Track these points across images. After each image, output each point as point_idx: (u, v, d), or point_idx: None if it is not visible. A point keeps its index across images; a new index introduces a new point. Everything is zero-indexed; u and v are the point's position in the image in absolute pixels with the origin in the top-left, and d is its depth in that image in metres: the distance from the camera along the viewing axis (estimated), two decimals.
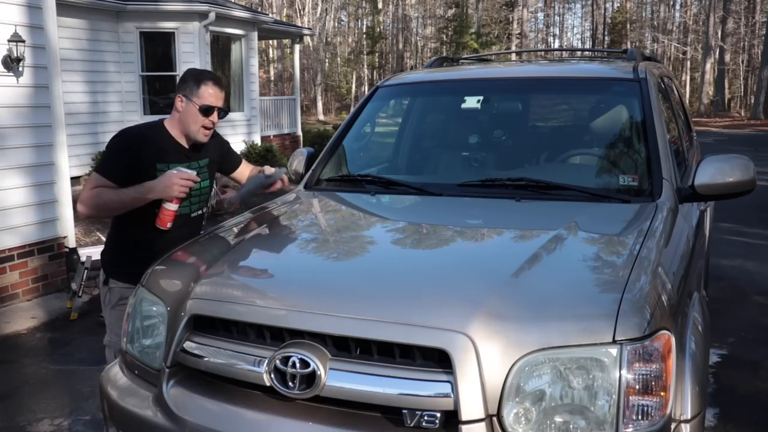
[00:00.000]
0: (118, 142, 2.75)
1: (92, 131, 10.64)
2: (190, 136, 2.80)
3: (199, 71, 2.83)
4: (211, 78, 2.78)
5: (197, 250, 2.54)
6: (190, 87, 2.74)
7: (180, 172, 2.66)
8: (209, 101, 2.75)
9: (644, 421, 1.70)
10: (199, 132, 2.78)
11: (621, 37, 46.16)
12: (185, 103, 2.75)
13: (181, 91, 2.77)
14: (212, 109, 2.76)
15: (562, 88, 3.58)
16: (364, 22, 47.78)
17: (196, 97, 2.73)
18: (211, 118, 2.76)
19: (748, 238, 7.58)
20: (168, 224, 2.69)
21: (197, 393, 2.02)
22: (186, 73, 2.83)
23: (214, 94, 2.76)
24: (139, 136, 2.77)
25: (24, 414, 3.65)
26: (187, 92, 2.75)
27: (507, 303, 1.81)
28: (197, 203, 2.91)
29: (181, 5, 11.35)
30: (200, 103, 2.73)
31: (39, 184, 5.40)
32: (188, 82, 2.76)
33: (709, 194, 2.70)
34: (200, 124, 2.76)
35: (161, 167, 2.74)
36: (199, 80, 2.75)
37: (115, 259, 2.89)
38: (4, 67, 5.08)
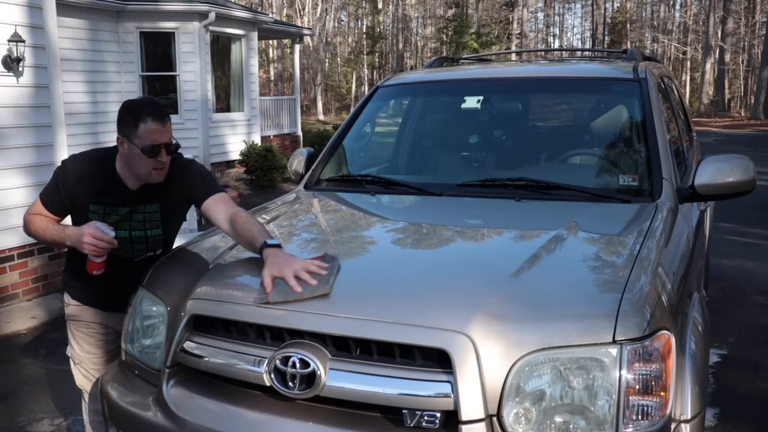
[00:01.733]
0: (58, 172, 2.46)
1: (92, 131, 10.64)
2: (142, 179, 2.43)
3: (135, 106, 2.39)
4: (151, 112, 2.33)
5: (197, 250, 2.54)
6: (128, 126, 2.34)
7: (96, 229, 2.30)
8: (152, 140, 2.32)
9: (644, 421, 1.70)
10: (150, 174, 2.39)
11: (621, 37, 46.15)
12: (127, 145, 2.35)
13: (120, 130, 2.36)
14: (157, 148, 2.34)
15: (562, 88, 3.58)
16: (364, 22, 47.79)
17: (137, 137, 2.32)
18: (159, 158, 2.35)
19: (748, 238, 7.58)
20: (94, 272, 2.41)
21: (197, 393, 2.02)
22: (121, 108, 2.40)
23: (156, 129, 2.33)
24: (79, 170, 2.44)
25: (24, 414, 3.65)
26: (126, 132, 2.34)
27: (507, 303, 1.81)
28: (142, 250, 2.56)
29: (181, 5, 11.35)
30: (142, 144, 2.32)
31: (39, 184, 5.40)
32: (125, 120, 2.35)
33: (709, 194, 2.70)
34: (149, 166, 2.36)
35: (95, 209, 2.44)
36: (136, 117, 2.32)
37: (67, 272, 2.69)
38: (4, 67, 5.08)
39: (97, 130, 10.75)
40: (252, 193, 11.04)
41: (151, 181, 2.43)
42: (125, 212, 2.47)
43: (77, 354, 2.69)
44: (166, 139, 2.37)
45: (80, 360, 2.69)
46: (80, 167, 2.46)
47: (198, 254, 2.49)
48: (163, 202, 2.52)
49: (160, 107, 2.40)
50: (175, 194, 2.52)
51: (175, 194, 2.52)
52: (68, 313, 2.69)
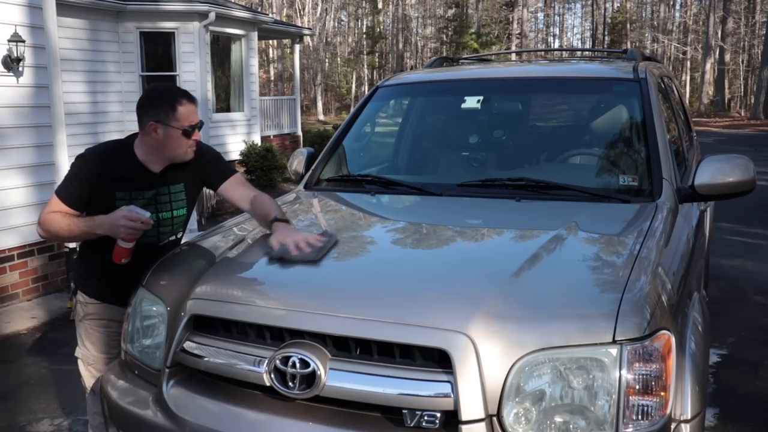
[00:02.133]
0: (78, 165, 2.49)
1: (92, 131, 10.63)
2: (176, 160, 2.53)
3: (168, 90, 2.53)
4: (185, 95, 2.49)
5: (197, 250, 2.54)
6: (165, 110, 2.44)
7: (130, 212, 2.36)
8: (191, 120, 2.47)
9: (644, 421, 1.70)
10: (187, 153, 2.52)
11: (621, 37, 46.15)
12: (162, 128, 2.44)
13: (152, 116, 2.44)
14: (194, 128, 2.50)
15: (562, 88, 3.58)
16: (364, 22, 47.80)
17: (175, 120, 2.44)
18: (194, 137, 2.51)
19: (748, 238, 7.58)
20: (122, 260, 2.45)
21: (197, 393, 2.02)
22: (151, 95, 2.51)
23: (192, 110, 2.49)
24: (99, 161, 2.48)
25: (24, 414, 3.65)
26: (162, 117, 2.44)
27: (507, 303, 1.81)
28: (168, 233, 2.63)
29: (181, 5, 11.35)
30: (182, 126, 2.45)
31: (39, 184, 5.41)
32: (160, 105, 2.44)
33: (709, 194, 2.70)
34: (186, 147, 2.50)
35: (122, 196, 2.49)
36: (172, 102, 2.44)
37: (82, 272, 2.70)
38: (4, 67, 5.08)
39: (97, 130, 10.75)
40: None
41: (185, 160, 2.54)
42: (151, 195, 2.54)
43: (91, 354, 2.66)
44: (198, 119, 2.54)
45: (94, 360, 2.65)
46: (102, 158, 2.51)
47: (198, 254, 2.49)
48: (186, 180, 2.63)
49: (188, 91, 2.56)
50: (193, 173, 2.64)
51: (193, 173, 2.64)
52: (86, 312, 2.66)
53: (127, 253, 2.44)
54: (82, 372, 2.72)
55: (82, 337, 2.70)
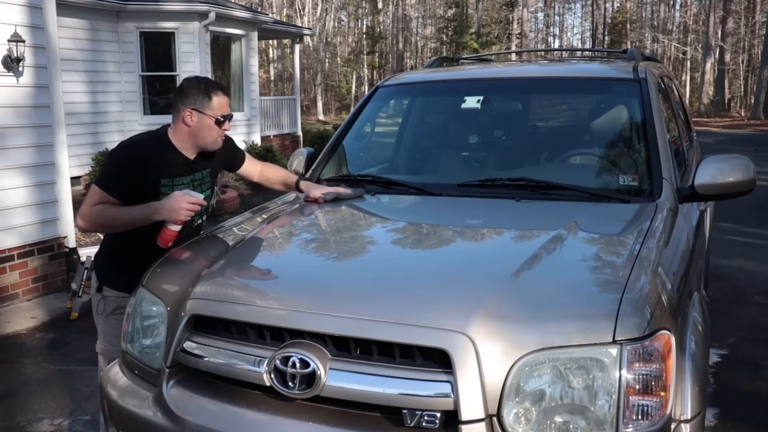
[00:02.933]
0: (122, 155, 2.66)
1: (92, 131, 10.64)
2: (206, 147, 2.73)
3: (205, 82, 2.72)
4: (220, 87, 2.72)
5: (197, 250, 2.54)
6: (201, 100, 2.64)
7: (187, 195, 2.56)
8: (224, 111, 2.69)
9: (644, 421, 1.70)
10: (216, 141, 2.73)
11: (621, 37, 46.15)
12: (197, 116, 2.64)
13: (189, 104, 2.64)
14: (226, 118, 2.71)
15: (563, 88, 3.58)
16: (364, 22, 47.79)
17: (210, 109, 2.64)
18: (224, 127, 2.71)
19: (748, 238, 7.58)
20: (170, 244, 2.59)
21: (197, 393, 2.02)
22: (189, 84, 2.70)
23: (225, 102, 2.71)
24: (143, 150, 2.66)
25: (24, 414, 3.65)
26: (198, 105, 2.64)
27: (507, 303, 1.81)
28: (198, 214, 2.79)
29: (181, 5, 11.35)
30: (216, 115, 2.66)
31: (39, 184, 5.41)
32: (196, 94, 2.64)
33: (709, 194, 2.70)
34: (216, 135, 2.71)
35: (165, 182, 2.66)
36: (208, 92, 2.65)
37: (110, 267, 2.80)
38: (4, 67, 5.08)
39: (97, 130, 10.75)
40: (252, 193, 11.03)
41: (215, 148, 2.76)
42: (188, 180, 2.75)
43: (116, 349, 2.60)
44: (230, 111, 2.76)
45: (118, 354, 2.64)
46: (144, 147, 2.68)
47: (198, 254, 2.49)
48: (212, 166, 2.87)
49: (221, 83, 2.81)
50: (217, 159, 2.89)
51: (217, 159, 2.89)
52: (116, 306, 2.72)
53: (175, 237, 2.60)
54: (103, 367, 2.73)
55: (106, 332, 2.75)
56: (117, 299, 2.71)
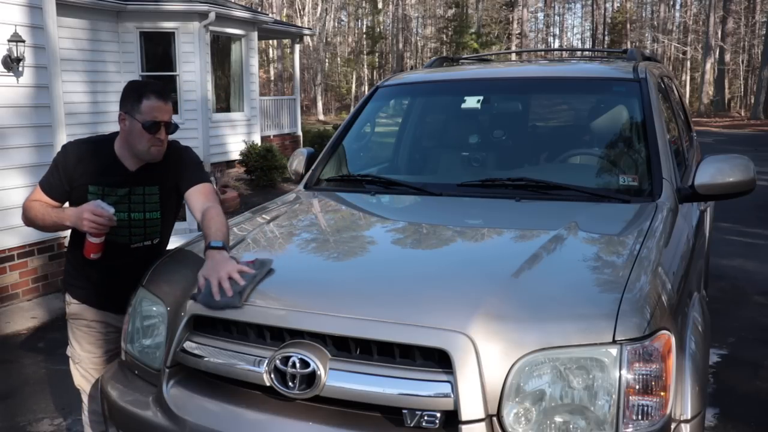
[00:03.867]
0: (58, 156, 2.52)
1: (92, 131, 10.63)
2: (140, 156, 2.49)
3: (141, 84, 2.52)
4: (155, 90, 2.45)
5: (197, 250, 2.53)
6: (132, 102, 2.43)
7: (96, 207, 2.34)
8: (153, 116, 2.42)
9: (644, 421, 1.70)
10: (149, 151, 2.46)
11: (621, 37, 46.14)
12: (128, 120, 2.44)
13: (122, 107, 2.45)
14: (158, 125, 2.43)
15: (563, 88, 3.58)
16: (364, 22, 47.79)
17: (139, 113, 2.41)
18: (158, 135, 2.44)
19: (748, 238, 7.58)
20: (91, 255, 2.43)
21: (197, 393, 2.02)
22: (126, 86, 2.51)
23: (159, 107, 2.43)
24: (79, 152, 2.51)
25: (24, 414, 3.65)
26: (129, 108, 2.43)
27: (507, 303, 1.81)
28: (140, 234, 2.57)
29: (181, 5, 11.35)
30: (143, 120, 2.41)
31: None
32: (129, 96, 2.45)
33: (709, 194, 2.70)
34: (147, 143, 2.44)
35: (94, 189, 2.48)
36: (140, 94, 2.42)
37: (68, 274, 2.73)
38: (4, 67, 5.08)
39: (97, 130, 10.74)
40: (252, 193, 11.04)
41: (149, 159, 2.49)
42: (124, 193, 2.51)
43: (77, 353, 2.70)
44: (167, 118, 2.46)
45: (80, 359, 2.69)
46: (80, 149, 2.52)
47: (198, 254, 2.48)
48: (161, 184, 2.57)
49: (163, 87, 2.52)
50: (170, 178, 2.57)
51: (170, 178, 2.57)
52: (69, 312, 2.70)
53: (95, 249, 2.43)
54: (72, 370, 2.75)
55: (69, 335, 2.74)
56: (71, 305, 2.70)
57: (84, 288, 2.64)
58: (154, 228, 2.61)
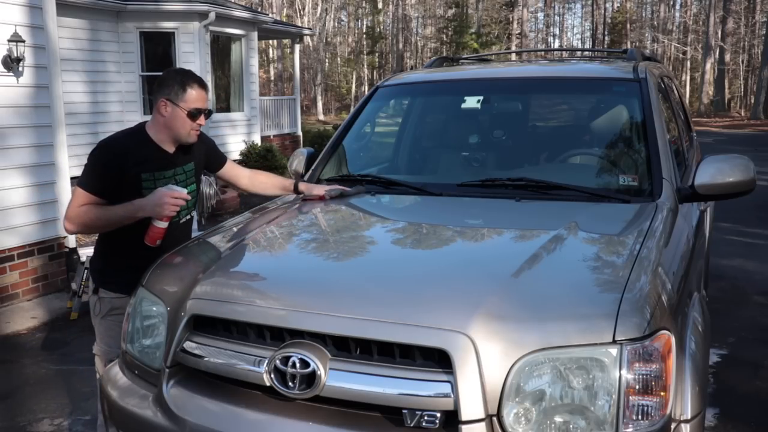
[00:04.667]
0: (100, 155, 2.62)
1: (92, 131, 10.63)
2: (180, 140, 2.69)
3: (182, 73, 2.68)
4: (196, 80, 2.66)
5: (197, 250, 2.54)
6: (175, 91, 2.61)
7: (170, 190, 2.53)
8: (197, 105, 2.64)
9: (644, 421, 1.70)
10: (189, 135, 2.68)
11: (621, 37, 46.16)
12: (170, 107, 2.62)
13: (164, 94, 2.62)
14: (200, 112, 2.66)
15: (563, 88, 3.58)
16: (364, 22, 47.79)
17: (183, 101, 2.61)
18: (198, 121, 2.67)
19: (748, 238, 7.58)
20: (157, 242, 2.57)
21: (197, 393, 2.02)
22: (167, 75, 2.68)
23: (200, 96, 2.65)
24: (121, 146, 2.64)
25: (24, 414, 3.65)
26: (172, 96, 2.61)
27: (507, 303, 1.81)
28: (185, 209, 2.77)
29: (181, 5, 11.35)
30: (188, 108, 2.61)
31: (39, 184, 5.40)
32: (172, 85, 2.62)
33: (709, 194, 2.70)
34: (189, 128, 2.66)
35: (146, 177, 2.63)
36: (184, 84, 2.62)
37: (104, 268, 2.77)
38: (4, 67, 5.08)
39: (97, 130, 10.74)
40: (252, 193, 11.03)
41: (188, 142, 2.71)
42: (170, 174, 2.71)
43: (113, 350, 2.64)
44: (206, 106, 2.70)
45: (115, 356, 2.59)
46: (121, 144, 2.65)
47: (198, 254, 2.49)
48: (196, 160, 2.84)
49: (202, 78, 2.74)
50: (199, 156, 2.86)
51: (199, 156, 2.86)
52: (111, 307, 2.70)
53: (162, 234, 2.57)
54: (99, 369, 2.73)
55: (103, 334, 2.73)
56: (112, 300, 2.70)
57: (128, 279, 2.57)
58: (193, 201, 2.82)
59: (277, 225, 2.71)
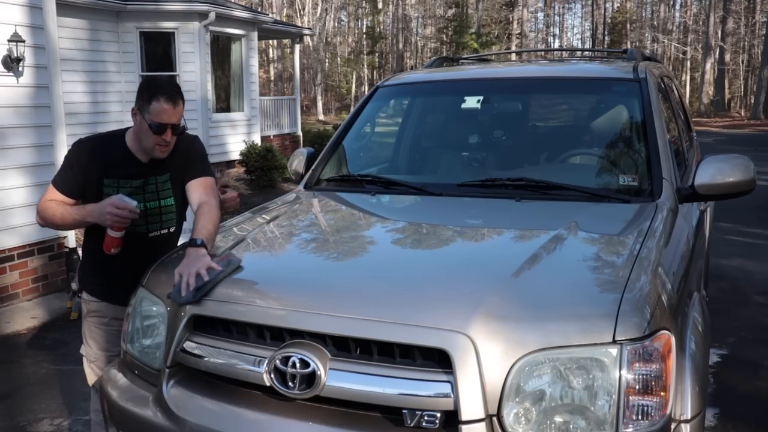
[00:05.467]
0: (70, 153, 2.57)
1: (92, 131, 10.48)
2: (149, 153, 2.57)
3: (153, 83, 2.53)
4: (165, 92, 2.46)
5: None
6: (143, 101, 2.49)
7: (119, 201, 2.40)
8: (161, 118, 2.46)
9: (644, 421, 1.70)
10: (154, 149, 2.53)
11: (621, 37, 46.15)
12: (138, 118, 2.51)
13: (136, 103, 2.52)
14: (164, 127, 2.47)
15: (563, 88, 3.58)
16: (364, 22, 47.78)
17: (148, 113, 2.47)
18: (164, 136, 2.49)
19: (748, 238, 7.58)
20: (111, 249, 2.49)
21: (197, 393, 2.02)
22: (141, 83, 2.58)
23: (166, 110, 2.46)
24: (91, 147, 2.56)
25: (24, 414, 3.65)
26: (140, 105, 2.50)
27: (507, 303, 1.81)
28: (157, 222, 2.65)
29: (181, 5, 11.35)
30: (151, 120, 2.46)
31: (39, 184, 5.39)
32: (142, 95, 2.50)
33: (709, 194, 2.70)
34: (153, 142, 2.50)
35: (109, 182, 2.54)
36: (151, 95, 2.46)
37: (85, 272, 2.75)
38: (4, 67, 5.08)
39: (97, 130, 10.66)
40: (252, 193, 11.04)
41: (155, 156, 2.57)
42: (138, 184, 2.58)
43: (93, 352, 2.70)
44: (174, 120, 2.50)
45: (96, 358, 2.69)
46: (92, 144, 2.58)
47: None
48: (172, 171, 2.65)
49: (176, 89, 2.53)
50: (179, 166, 2.65)
51: (179, 166, 2.65)
52: (88, 309, 2.71)
53: (116, 243, 2.49)
54: (86, 369, 2.76)
55: (85, 334, 2.74)
56: (90, 303, 2.71)
57: (103, 284, 2.64)
58: (169, 215, 2.68)
59: (277, 225, 2.71)
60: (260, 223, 2.74)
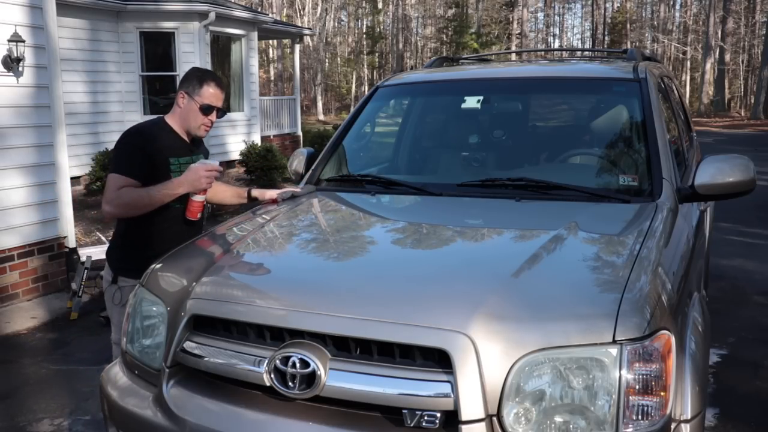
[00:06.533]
0: (131, 140, 2.82)
1: (92, 131, 10.64)
2: (190, 131, 2.93)
3: (203, 71, 2.96)
4: (214, 79, 2.90)
5: (197, 249, 2.54)
6: (193, 85, 2.86)
7: (203, 164, 2.78)
8: (210, 101, 2.87)
9: (644, 421, 1.70)
10: (200, 128, 2.91)
11: (621, 37, 46.17)
12: (187, 100, 2.87)
13: (183, 88, 2.88)
14: (212, 109, 2.89)
15: (562, 88, 3.58)
16: (364, 22, 47.80)
17: (198, 95, 2.85)
18: (210, 117, 2.89)
19: (748, 238, 7.58)
20: (198, 215, 2.85)
21: (197, 393, 2.02)
22: (190, 71, 2.95)
23: (215, 94, 2.88)
24: (149, 133, 2.86)
25: (24, 414, 3.65)
26: (190, 90, 2.86)
27: (507, 303, 1.81)
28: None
29: (181, 5, 11.36)
30: (201, 102, 2.85)
31: (39, 183, 5.40)
32: (192, 80, 2.88)
33: (709, 194, 2.70)
34: (200, 122, 2.89)
35: (174, 161, 2.87)
36: (202, 80, 2.87)
37: (124, 257, 2.92)
38: (4, 67, 5.08)
39: (97, 129, 10.75)
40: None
41: (198, 135, 2.96)
42: (189, 160, 2.93)
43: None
44: (220, 104, 2.93)
45: None
46: (148, 131, 2.88)
47: (198, 254, 2.49)
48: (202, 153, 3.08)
49: (221, 79, 3.01)
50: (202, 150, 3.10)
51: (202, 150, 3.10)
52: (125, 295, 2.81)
53: (201, 208, 2.87)
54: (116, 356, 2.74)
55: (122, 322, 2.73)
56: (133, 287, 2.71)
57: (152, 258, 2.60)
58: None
59: (277, 225, 2.71)
60: (260, 223, 2.74)
